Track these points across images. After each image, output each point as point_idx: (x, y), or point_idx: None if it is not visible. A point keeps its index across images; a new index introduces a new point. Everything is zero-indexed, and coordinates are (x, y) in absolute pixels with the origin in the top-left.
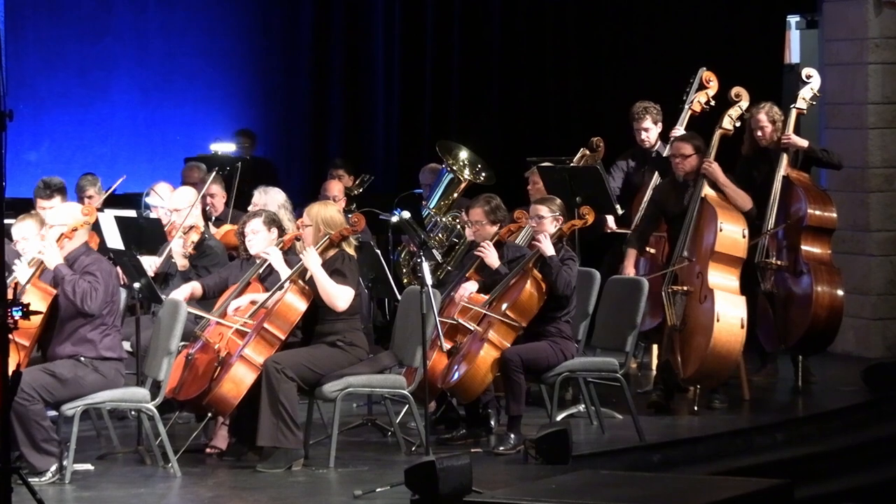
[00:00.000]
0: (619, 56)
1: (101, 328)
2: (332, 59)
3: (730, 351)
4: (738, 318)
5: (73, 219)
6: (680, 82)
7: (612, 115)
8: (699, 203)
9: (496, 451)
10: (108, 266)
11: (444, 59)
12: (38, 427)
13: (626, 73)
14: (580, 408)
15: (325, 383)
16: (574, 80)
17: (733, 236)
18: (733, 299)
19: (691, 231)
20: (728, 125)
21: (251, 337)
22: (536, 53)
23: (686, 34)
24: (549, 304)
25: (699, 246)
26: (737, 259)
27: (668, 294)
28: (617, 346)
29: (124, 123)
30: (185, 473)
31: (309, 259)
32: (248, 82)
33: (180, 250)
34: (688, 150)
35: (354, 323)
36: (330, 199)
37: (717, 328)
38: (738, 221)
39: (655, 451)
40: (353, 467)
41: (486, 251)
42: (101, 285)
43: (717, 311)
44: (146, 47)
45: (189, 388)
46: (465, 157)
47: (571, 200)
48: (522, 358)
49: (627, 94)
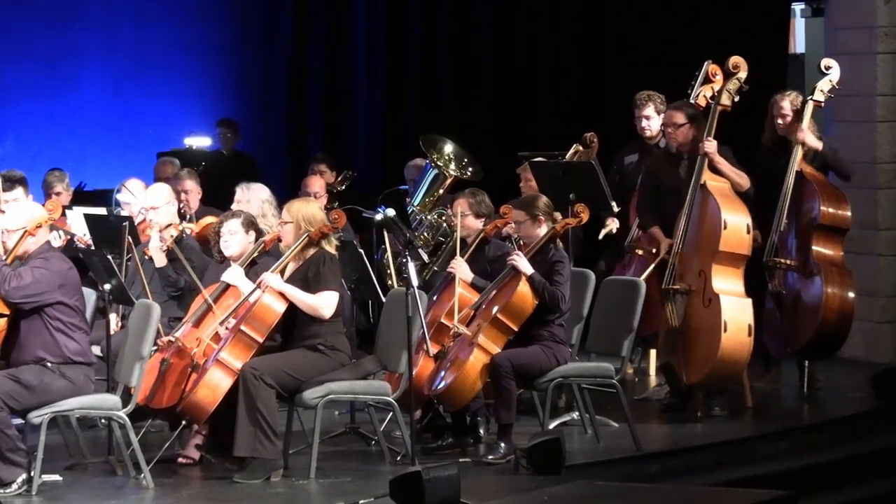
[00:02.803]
0: (618, 46)
1: (68, 330)
2: (312, 47)
3: (737, 360)
4: (746, 325)
5: (34, 215)
6: (682, 73)
7: (610, 109)
8: (699, 191)
9: (486, 460)
10: (57, 265)
11: (430, 46)
12: (2, 436)
13: (624, 64)
14: (574, 415)
15: (305, 390)
16: (569, 71)
17: (738, 232)
18: (740, 304)
19: (692, 224)
20: (727, 100)
21: (227, 340)
22: (529, 41)
23: (688, 22)
24: (541, 306)
25: (701, 242)
26: (741, 257)
27: (668, 293)
28: (613, 350)
29: (94, 116)
30: (158, 484)
31: (271, 282)
32: (224, 72)
33: (158, 245)
34: (680, 119)
35: (336, 326)
36: (310, 196)
37: (724, 338)
38: (740, 212)
39: (653, 461)
40: (335, 478)
41: (456, 266)
42: (31, 275)
43: (725, 319)
44: (116, 35)
45: (162, 395)
46: (450, 151)
47: (565, 198)
48: (513, 363)
49: (626, 86)
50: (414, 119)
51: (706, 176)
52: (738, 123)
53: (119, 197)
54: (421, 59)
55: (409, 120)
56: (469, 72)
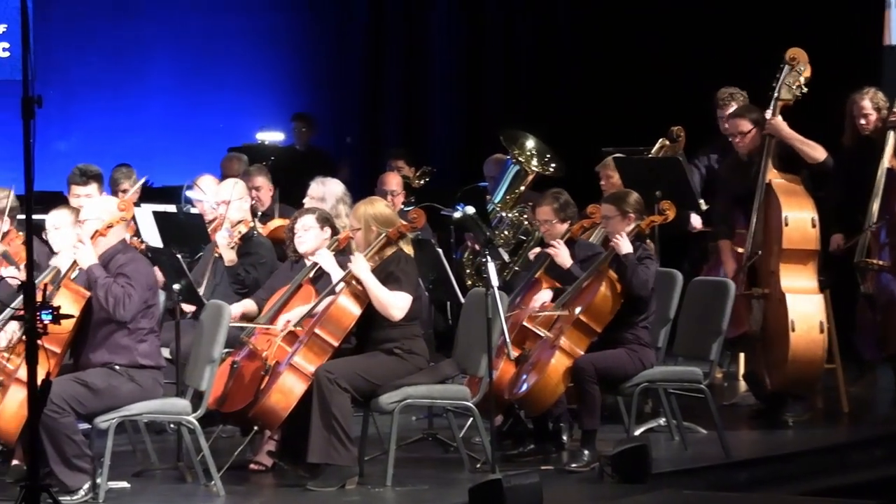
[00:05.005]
0: (703, 37)
1: (137, 333)
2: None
3: (811, 360)
4: (817, 322)
5: (108, 214)
6: (768, 66)
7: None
8: (764, 190)
9: (568, 468)
10: (145, 266)
11: (510, 37)
12: (68, 441)
13: (710, 56)
14: (660, 421)
15: (381, 394)
16: (653, 63)
17: (801, 227)
18: (808, 301)
19: (761, 225)
20: (787, 95)
21: (301, 344)
22: (612, 33)
23: (775, 12)
24: (625, 308)
25: (769, 243)
26: (808, 253)
27: (747, 297)
28: (700, 354)
29: (161, 110)
30: (229, 492)
31: (357, 266)
32: (296, 64)
33: (226, 242)
34: (746, 127)
35: (413, 329)
36: (385, 194)
37: (793, 338)
38: (804, 207)
39: (742, 469)
40: (412, 486)
41: (556, 249)
42: (136, 290)
43: (792, 318)
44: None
45: (234, 399)
46: (531, 146)
47: (651, 194)
48: (597, 367)
49: (711, 78)
50: (494, 112)
51: (771, 175)
52: (826, 123)
53: (190, 194)
54: (501, 49)
55: (488, 113)
56: (550, 63)
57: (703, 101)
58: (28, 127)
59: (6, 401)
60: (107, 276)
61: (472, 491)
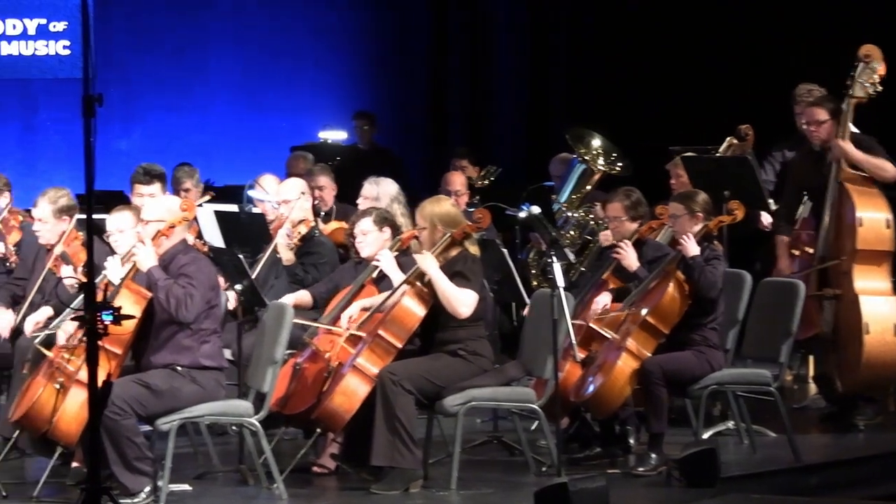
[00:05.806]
0: (776, 33)
1: (199, 334)
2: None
3: (885, 363)
4: (891, 325)
5: (170, 214)
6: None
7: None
8: (837, 189)
9: (635, 472)
10: (207, 266)
11: (577, 35)
12: (129, 444)
13: (779, 54)
14: (729, 424)
15: (445, 396)
16: (723, 59)
17: (876, 228)
18: (883, 303)
19: (833, 225)
20: (860, 92)
21: (365, 345)
22: (680, 29)
23: (848, 8)
24: (693, 309)
25: (842, 243)
26: (883, 254)
27: (818, 298)
28: (770, 355)
29: (223, 108)
30: (292, 495)
31: (425, 262)
32: (359, 62)
33: (286, 242)
34: (823, 116)
35: (478, 330)
36: (449, 193)
37: (867, 340)
38: (879, 207)
39: (813, 474)
40: (477, 489)
41: (623, 251)
42: (198, 290)
43: (865, 320)
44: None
45: (296, 401)
46: (598, 145)
47: (719, 194)
48: (664, 369)
49: (783, 76)
50: (559, 111)
51: (844, 173)
52: None
53: (251, 193)
54: (567, 47)
55: (554, 112)
56: (616, 61)
57: (773, 99)
58: (88, 125)
59: (67, 402)
60: (166, 277)
61: (537, 495)
